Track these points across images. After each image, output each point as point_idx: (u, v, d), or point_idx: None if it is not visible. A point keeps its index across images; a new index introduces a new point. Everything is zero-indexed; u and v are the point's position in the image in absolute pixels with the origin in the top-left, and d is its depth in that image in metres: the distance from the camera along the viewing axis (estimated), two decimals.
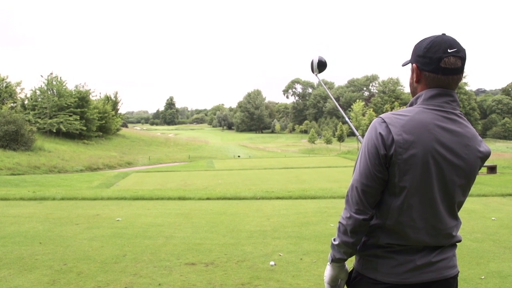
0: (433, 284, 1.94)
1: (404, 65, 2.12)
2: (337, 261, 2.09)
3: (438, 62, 1.90)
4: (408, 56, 2.11)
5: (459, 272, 2.06)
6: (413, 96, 2.06)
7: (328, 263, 2.15)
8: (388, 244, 1.95)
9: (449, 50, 1.89)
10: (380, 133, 1.87)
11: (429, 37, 1.96)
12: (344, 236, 2.00)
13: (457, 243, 2.08)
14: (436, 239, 1.94)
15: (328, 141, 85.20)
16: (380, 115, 1.95)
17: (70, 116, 60.98)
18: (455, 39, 1.93)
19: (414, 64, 2.00)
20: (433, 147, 1.86)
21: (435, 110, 1.92)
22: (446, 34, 1.95)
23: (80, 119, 62.32)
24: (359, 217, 1.93)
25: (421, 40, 2.00)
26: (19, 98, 62.71)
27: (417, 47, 2.00)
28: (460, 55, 1.90)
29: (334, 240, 2.08)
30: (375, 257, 1.98)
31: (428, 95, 1.95)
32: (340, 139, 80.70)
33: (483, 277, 4.99)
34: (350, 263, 2.16)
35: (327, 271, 2.14)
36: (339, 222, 2.03)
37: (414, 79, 2.02)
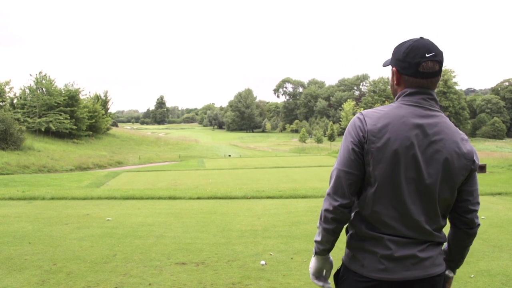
0: (418, 282, 1.97)
1: (384, 65, 2.19)
2: (321, 253, 2.14)
3: (417, 67, 1.98)
4: None
5: (445, 270, 2.08)
6: (394, 97, 2.15)
7: (313, 255, 2.18)
8: (369, 235, 2.00)
9: (427, 55, 1.96)
10: (357, 124, 1.99)
11: (408, 41, 2.03)
12: (324, 223, 2.06)
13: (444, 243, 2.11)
14: (410, 231, 1.97)
15: (319, 141, 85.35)
16: (361, 111, 2.07)
17: (60, 115, 60.57)
18: (433, 43, 2.00)
19: (394, 68, 2.09)
20: (407, 138, 1.93)
21: (412, 106, 2.00)
22: (424, 38, 2.02)
23: (70, 118, 61.89)
24: (336, 203, 2.00)
25: (400, 44, 2.08)
26: (8, 97, 62.17)
27: (396, 51, 2.08)
28: (438, 59, 1.98)
29: (318, 227, 2.13)
30: (361, 250, 2.02)
31: (406, 93, 2.03)
32: (331, 138, 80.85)
33: (472, 275, 5.01)
34: (339, 262, 2.16)
35: (312, 263, 2.18)
36: (321, 210, 2.09)
37: (395, 82, 2.10)
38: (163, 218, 8.65)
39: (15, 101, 63.07)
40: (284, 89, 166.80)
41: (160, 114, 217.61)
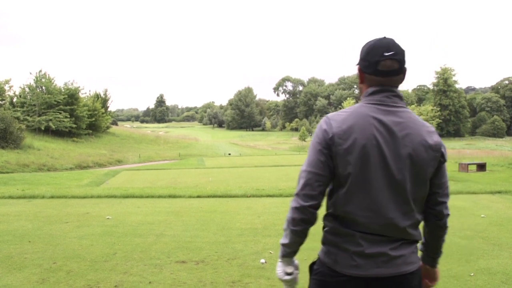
0: (390, 279, 2.01)
1: (356, 64, 2.23)
2: (288, 255, 2.19)
3: (376, 66, 2.03)
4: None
5: (419, 268, 2.11)
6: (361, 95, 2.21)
7: (279, 259, 2.22)
8: (343, 232, 2.04)
9: (385, 54, 2.02)
10: (323, 127, 2.04)
11: (371, 40, 2.10)
12: (293, 225, 2.08)
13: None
14: (382, 228, 2.00)
15: None
16: (327, 114, 2.13)
17: (60, 113, 60.51)
18: (394, 42, 2.06)
19: (358, 66, 2.15)
20: (373, 137, 1.97)
21: (375, 104, 2.04)
22: (387, 37, 2.08)
23: (70, 117, 61.79)
24: (306, 203, 2.01)
25: (366, 43, 2.13)
26: (7, 96, 62.09)
27: (361, 50, 2.13)
28: (397, 58, 2.02)
29: (285, 230, 2.16)
30: (335, 247, 2.07)
31: (369, 92, 2.09)
32: None
33: (472, 274, 5.02)
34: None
35: (278, 266, 2.21)
36: (289, 212, 2.11)
37: (359, 80, 2.18)
38: (163, 216, 8.66)
39: (14, 99, 62.97)
40: (284, 87, 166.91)
41: (160, 113, 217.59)
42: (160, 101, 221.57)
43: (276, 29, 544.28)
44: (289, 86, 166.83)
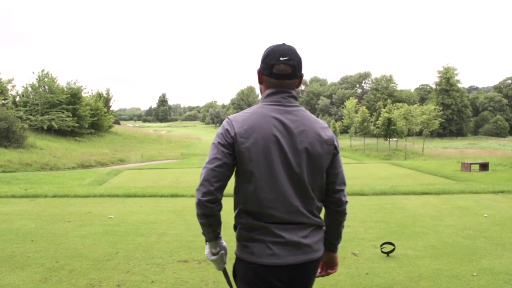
0: (301, 265, 2.21)
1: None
2: (209, 240, 2.39)
3: (271, 68, 2.23)
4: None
5: (322, 255, 2.32)
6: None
7: (206, 243, 2.43)
8: (257, 225, 2.21)
9: (281, 58, 2.21)
10: (226, 128, 2.20)
11: (272, 46, 2.28)
12: (198, 218, 2.24)
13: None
14: (292, 216, 2.19)
15: None
16: (228, 116, 2.31)
17: (62, 113, 60.59)
18: (291, 49, 2.25)
19: (258, 68, 2.33)
20: (272, 134, 2.15)
21: (272, 105, 2.23)
22: (286, 44, 2.27)
23: (72, 116, 61.91)
24: (203, 198, 2.15)
25: (267, 47, 2.31)
26: (10, 95, 62.17)
27: (263, 53, 2.31)
28: (291, 63, 2.22)
29: None
30: (250, 240, 2.24)
31: (267, 93, 2.29)
32: None
33: (475, 273, 5.01)
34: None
35: (206, 249, 2.46)
36: None
37: (259, 81, 2.36)
38: (165, 216, 8.67)
39: (17, 99, 63.05)
40: None
41: (162, 112, 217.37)
42: (163, 101, 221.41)
43: (277, 29, 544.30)
44: None
